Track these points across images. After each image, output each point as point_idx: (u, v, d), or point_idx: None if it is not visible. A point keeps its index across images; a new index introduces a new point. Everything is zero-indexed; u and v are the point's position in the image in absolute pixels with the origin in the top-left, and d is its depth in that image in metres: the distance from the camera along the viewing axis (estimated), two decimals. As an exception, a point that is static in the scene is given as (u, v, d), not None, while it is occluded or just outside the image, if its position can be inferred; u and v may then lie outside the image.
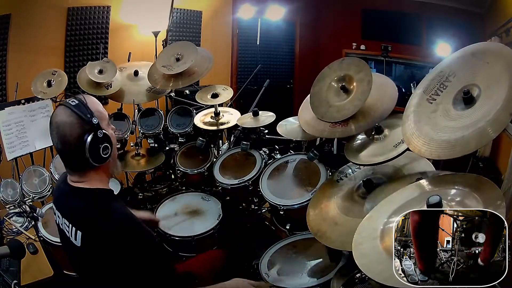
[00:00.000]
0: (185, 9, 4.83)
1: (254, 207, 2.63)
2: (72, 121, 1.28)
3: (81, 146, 1.27)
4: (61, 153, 1.33)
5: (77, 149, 1.28)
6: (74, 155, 1.30)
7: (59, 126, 1.29)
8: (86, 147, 1.27)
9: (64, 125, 1.28)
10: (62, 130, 1.28)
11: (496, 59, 1.31)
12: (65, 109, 1.30)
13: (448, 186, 1.27)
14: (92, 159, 1.30)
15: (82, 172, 1.35)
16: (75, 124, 1.28)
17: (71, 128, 1.27)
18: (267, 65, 5.90)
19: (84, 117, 1.28)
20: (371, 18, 5.57)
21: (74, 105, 1.30)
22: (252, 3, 5.06)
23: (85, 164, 1.31)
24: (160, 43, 3.97)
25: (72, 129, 1.28)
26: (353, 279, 1.58)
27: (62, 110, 1.30)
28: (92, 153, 1.29)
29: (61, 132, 1.28)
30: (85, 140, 1.27)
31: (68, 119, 1.28)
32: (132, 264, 1.25)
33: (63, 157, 1.35)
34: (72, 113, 1.28)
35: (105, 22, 4.14)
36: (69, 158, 1.34)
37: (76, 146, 1.28)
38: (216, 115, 2.96)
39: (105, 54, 4.04)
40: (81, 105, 1.30)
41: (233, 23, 5.46)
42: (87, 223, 1.28)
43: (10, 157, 2.74)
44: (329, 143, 2.64)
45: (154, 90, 3.16)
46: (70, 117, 1.28)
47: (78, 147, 1.28)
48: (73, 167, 1.35)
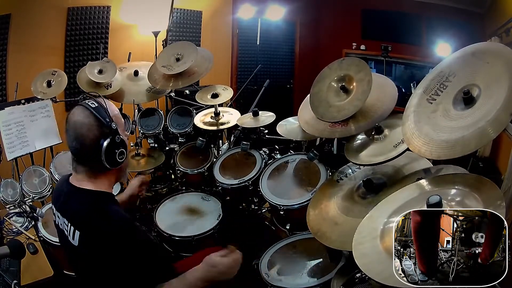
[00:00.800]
0: (185, 9, 4.83)
1: (254, 207, 2.64)
2: (90, 123, 1.30)
3: (97, 148, 1.29)
4: (75, 152, 1.34)
5: (93, 150, 1.30)
6: (89, 156, 1.32)
7: (76, 126, 1.30)
8: (102, 150, 1.29)
9: (82, 126, 1.30)
10: (79, 130, 1.30)
11: (496, 59, 1.31)
12: (84, 110, 1.31)
13: (448, 186, 1.27)
14: (107, 162, 1.31)
15: (92, 173, 1.35)
16: (93, 126, 1.30)
17: (89, 130, 1.29)
18: (267, 65, 5.90)
19: (103, 121, 1.31)
20: (371, 18, 5.57)
21: (94, 107, 1.32)
22: (252, 3, 5.06)
23: (98, 166, 1.33)
24: (160, 43, 3.97)
25: (90, 131, 1.29)
26: (353, 279, 1.58)
27: (81, 111, 1.32)
28: (107, 157, 1.31)
29: (79, 132, 1.30)
30: (101, 143, 1.29)
31: (86, 119, 1.30)
32: (128, 265, 1.25)
33: (77, 156, 1.35)
34: (91, 114, 1.30)
35: (105, 22, 4.14)
36: (83, 158, 1.35)
37: (92, 148, 1.30)
38: (216, 115, 2.96)
39: (105, 54, 4.04)
40: (101, 108, 1.32)
41: (233, 23, 5.46)
42: (85, 223, 1.29)
43: (10, 157, 2.74)
44: (329, 143, 2.64)
45: (154, 90, 3.16)
46: (88, 118, 1.30)
47: (94, 149, 1.29)
48: (85, 167, 1.36)
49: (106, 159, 1.31)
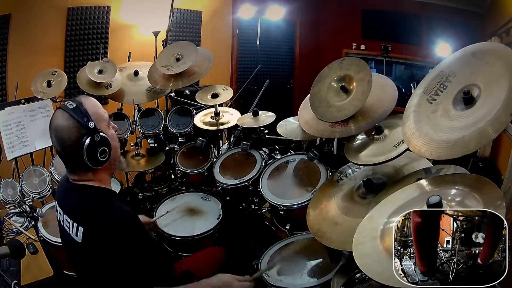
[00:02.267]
0: (185, 9, 4.83)
1: (254, 207, 2.63)
2: (70, 125, 1.30)
3: (79, 150, 1.29)
4: (61, 155, 1.36)
5: (76, 152, 1.30)
6: (73, 157, 1.33)
7: (57, 130, 1.31)
8: (83, 151, 1.29)
9: (62, 129, 1.30)
10: (60, 134, 1.31)
11: (496, 59, 1.31)
12: (63, 113, 1.32)
13: (448, 186, 1.27)
14: (90, 162, 1.32)
15: (81, 173, 1.37)
16: (72, 128, 1.30)
17: (69, 132, 1.30)
18: (267, 65, 5.90)
19: (81, 121, 1.30)
20: (371, 18, 5.57)
21: (72, 108, 1.32)
22: (252, 3, 5.06)
23: (84, 166, 1.33)
24: (160, 43, 3.98)
25: (70, 133, 1.30)
26: (353, 279, 1.58)
27: (60, 114, 1.32)
28: (90, 157, 1.31)
29: (59, 135, 1.31)
30: (82, 144, 1.29)
31: (65, 123, 1.30)
32: (131, 262, 1.27)
33: (63, 159, 1.37)
34: (70, 117, 1.30)
35: (105, 22, 4.14)
36: (69, 160, 1.37)
37: (74, 150, 1.30)
38: (216, 115, 2.96)
39: (105, 54, 4.04)
40: (78, 109, 1.32)
41: (233, 23, 5.46)
42: (89, 219, 1.30)
43: (10, 157, 2.74)
44: (329, 143, 2.64)
45: (154, 90, 3.16)
46: (67, 121, 1.30)
47: (76, 151, 1.30)
48: (73, 169, 1.38)
49: (89, 159, 1.31)
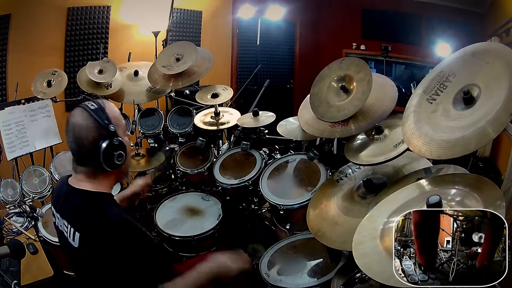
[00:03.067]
0: (185, 9, 4.83)
1: (254, 207, 2.63)
2: (89, 125, 1.30)
3: (95, 150, 1.30)
4: (75, 153, 1.35)
5: (91, 152, 1.30)
6: (88, 157, 1.33)
7: (75, 128, 1.31)
8: (100, 152, 1.30)
9: (81, 128, 1.30)
10: (78, 132, 1.30)
11: (496, 59, 1.31)
12: (83, 111, 1.32)
13: (448, 186, 1.27)
14: (105, 164, 1.32)
15: (91, 174, 1.36)
16: (91, 128, 1.30)
17: (87, 132, 1.30)
18: (267, 65, 5.90)
19: (101, 123, 1.31)
20: (371, 18, 5.57)
21: (93, 109, 1.32)
22: (252, 3, 5.06)
23: (97, 167, 1.33)
24: (160, 43, 3.97)
25: (88, 133, 1.30)
26: (353, 279, 1.58)
27: (80, 112, 1.32)
28: (106, 159, 1.31)
29: (77, 134, 1.30)
30: (100, 145, 1.29)
31: (85, 122, 1.30)
32: (129, 266, 1.25)
33: (76, 157, 1.36)
34: (90, 116, 1.31)
35: (105, 22, 4.14)
36: (82, 159, 1.36)
37: (91, 150, 1.30)
38: (216, 115, 2.96)
39: (105, 54, 4.04)
40: (100, 110, 1.33)
41: (233, 23, 5.46)
42: (85, 225, 1.29)
43: (10, 157, 2.74)
44: (329, 143, 2.64)
45: (154, 90, 3.16)
46: (87, 120, 1.30)
47: (92, 151, 1.30)
48: (84, 168, 1.36)
49: (105, 161, 1.31)
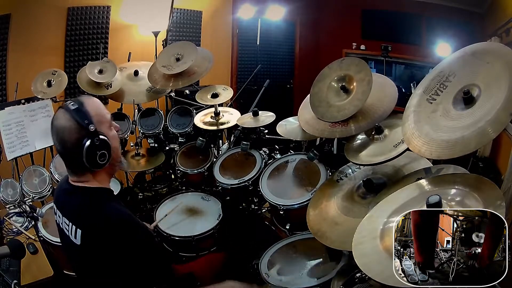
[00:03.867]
0: (185, 9, 4.83)
1: (254, 207, 2.63)
2: (71, 126, 1.29)
3: (79, 151, 1.29)
4: (61, 155, 1.36)
5: (76, 153, 1.30)
6: (73, 158, 1.33)
7: (58, 130, 1.31)
8: (83, 153, 1.29)
9: (64, 130, 1.30)
10: (61, 134, 1.31)
11: (496, 59, 1.31)
12: (65, 113, 1.31)
13: (448, 186, 1.27)
14: (89, 164, 1.31)
15: (81, 174, 1.37)
16: (73, 129, 1.29)
17: (70, 133, 1.30)
18: (267, 65, 5.90)
19: (81, 123, 1.29)
20: (371, 18, 5.57)
21: (73, 109, 1.31)
22: (252, 3, 5.06)
23: (84, 167, 1.33)
24: (160, 43, 3.98)
25: (71, 134, 1.30)
26: (353, 279, 1.58)
27: (62, 114, 1.32)
28: (89, 159, 1.31)
29: (60, 136, 1.31)
30: (82, 146, 1.29)
31: (67, 123, 1.30)
32: (131, 263, 1.26)
33: (63, 158, 1.37)
34: (71, 117, 1.30)
35: (105, 22, 4.14)
36: (69, 160, 1.37)
37: (75, 151, 1.30)
38: (216, 115, 2.96)
39: (105, 54, 4.04)
40: (80, 110, 1.31)
41: (233, 23, 5.46)
42: (86, 221, 1.29)
43: (10, 157, 2.74)
44: (329, 143, 2.64)
45: (154, 90, 3.16)
46: (69, 121, 1.30)
47: (76, 152, 1.30)
48: (73, 169, 1.38)
49: (88, 161, 1.30)
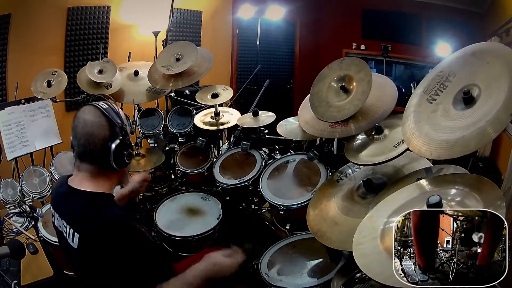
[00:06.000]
0: (185, 9, 4.83)
1: (254, 207, 2.64)
2: (102, 122, 1.31)
3: (105, 148, 1.30)
4: (83, 149, 1.33)
5: (100, 150, 1.30)
6: (96, 155, 1.32)
7: (86, 123, 1.31)
8: (111, 151, 1.30)
9: (93, 124, 1.30)
10: (90, 128, 1.30)
11: (496, 59, 1.31)
12: (96, 109, 1.33)
13: (448, 186, 1.27)
14: (115, 162, 1.32)
15: (95, 173, 1.34)
16: (104, 125, 1.31)
17: (100, 129, 1.30)
18: (267, 65, 5.90)
19: (114, 121, 1.32)
20: (371, 18, 5.57)
21: (105, 108, 1.33)
22: (252, 3, 5.06)
23: (103, 166, 1.33)
24: (160, 43, 3.97)
25: (101, 130, 1.30)
26: (353, 279, 1.58)
27: (93, 109, 1.33)
28: (116, 157, 1.32)
29: (89, 130, 1.30)
30: (111, 144, 1.30)
31: (98, 118, 1.31)
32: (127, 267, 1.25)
33: (84, 154, 1.34)
34: (103, 114, 1.32)
35: (105, 22, 4.14)
36: (90, 157, 1.34)
37: (100, 147, 1.30)
38: (216, 115, 2.96)
39: (105, 54, 4.04)
40: (112, 109, 1.35)
41: (233, 23, 5.46)
42: (83, 226, 1.28)
43: (10, 157, 2.74)
44: (329, 143, 2.64)
45: (154, 90, 3.16)
46: (100, 117, 1.31)
47: (102, 148, 1.30)
48: (89, 166, 1.34)
49: (114, 159, 1.32)
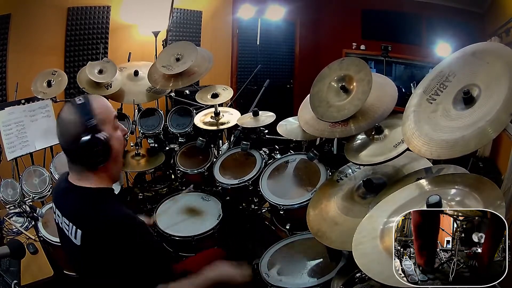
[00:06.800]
0: (185, 9, 4.83)
1: (254, 207, 2.63)
2: (75, 119, 1.29)
3: (77, 146, 1.28)
4: (64, 149, 1.34)
5: (74, 148, 1.29)
6: (72, 153, 1.32)
7: (61, 122, 1.31)
8: (81, 147, 1.28)
9: (66, 123, 1.30)
10: (63, 126, 1.30)
11: (496, 59, 1.31)
12: (71, 106, 1.32)
13: (448, 186, 1.27)
14: (85, 161, 1.30)
15: (81, 171, 1.35)
16: (75, 123, 1.28)
17: (70, 126, 1.29)
18: (267, 65, 5.90)
19: (83, 118, 1.28)
20: (371, 18, 5.57)
21: (78, 104, 1.31)
22: (252, 3, 5.06)
23: (82, 164, 1.32)
24: (160, 43, 3.97)
25: (71, 128, 1.29)
26: (353, 279, 1.58)
27: (67, 107, 1.32)
28: (85, 155, 1.29)
29: (63, 128, 1.30)
30: (82, 141, 1.27)
31: (70, 116, 1.30)
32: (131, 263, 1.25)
33: (65, 153, 1.36)
34: (75, 111, 1.30)
35: (105, 22, 4.14)
36: (69, 156, 1.35)
37: (73, 145, 1.29)
38: (216, 115, 2.96)
39: (105, 54, 4.04)
40: (85, 105, 1.30)
41: (233, 23, 5.46)
42: (87, 222, 1.28)
43: (10, 157, 2.74)
44: (329, 143, 2.64)
45: (154, 90, 3.16)
46: (72, 115, 1.29)
47: (75, 147, 1.29)
48: (75, 165, 1.36)
49: (85, 158, 1.29)
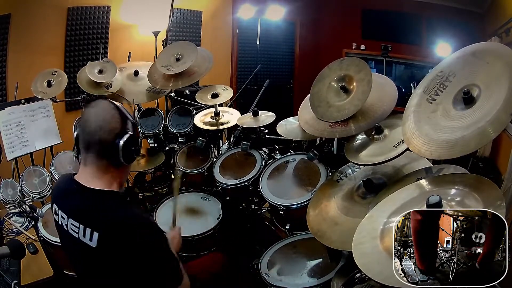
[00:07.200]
0: (185, 9, 4.83)
1: (254, 207, 2.63)
2: (115, 116, 1.31)
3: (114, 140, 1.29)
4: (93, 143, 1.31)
5: (111, 143, 1.29)
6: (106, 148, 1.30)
7: (99, 114, 1.31)
8: (121, 143, 1.29)
9: (106, 115, 1.31)
10: (102, 120, 1.29)
11: (496, 59, 1.31)
12: (109, 103, 1.34)
13: (448, 186, 1.27)
14: (122, 156, 1.31)
15: (104, 168, 1.32)
16: (117, 118, 1.31)
17: (112, 119, 1.30)
18: (267, 65, 5.89)
19: (125, 115, 1.34)
20: (371, 18, 5.57)
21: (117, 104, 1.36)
22: (252, 3, 5.06)
23: (112, 161, 1.32)
24: (160, 43, 3.97)
25: (113, 121, 1.30)
26: (353, 279, 1.58)
27: (106, 103, 1.34)
28: (124, 151, 1.30)
29: (101, 122, 1.29)
30: (121, 136, 1.29)
31: (112, 111, 1.32)
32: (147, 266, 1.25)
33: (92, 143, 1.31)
34: (116, 108, 1.33)
35: (105, 22, 4.14)
36: (99, 150, 1.31)
37: (110, 138, 1.29)
38: (216, 115, 2.96)
39: (105, 54, 4.04)
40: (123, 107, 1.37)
41: (233, 23, 5.46)
42: (106, 224, 1.26)
43: (10, 157, 2.74)
44: (329, 143, 2.64)
45: (154, 90, 3.16)
46: (113, 110, 1.32)
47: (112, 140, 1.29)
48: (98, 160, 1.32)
49: (123, 153, 1.30)
